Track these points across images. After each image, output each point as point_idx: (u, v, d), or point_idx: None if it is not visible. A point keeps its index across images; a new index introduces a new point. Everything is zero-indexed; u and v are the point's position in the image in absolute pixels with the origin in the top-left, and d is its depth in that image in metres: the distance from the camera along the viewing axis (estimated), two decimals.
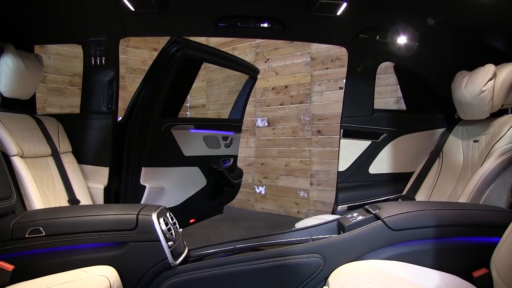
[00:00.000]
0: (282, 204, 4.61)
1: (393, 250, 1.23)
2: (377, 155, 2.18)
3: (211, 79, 5.48)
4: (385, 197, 2.13)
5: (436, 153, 1.96)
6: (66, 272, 1.16)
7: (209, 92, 5.53)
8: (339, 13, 1.77)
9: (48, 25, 2.00)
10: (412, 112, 2.42)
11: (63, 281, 1.08)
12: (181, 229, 1.43)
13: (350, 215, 1.40)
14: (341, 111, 2.21)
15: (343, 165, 2.19)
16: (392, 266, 1.14)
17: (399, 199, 2.03)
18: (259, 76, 3.16)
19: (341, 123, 2.20)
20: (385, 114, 2.26)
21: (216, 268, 1.29)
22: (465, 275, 1.09)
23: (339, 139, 2.22)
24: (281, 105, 4.65)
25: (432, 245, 1.21)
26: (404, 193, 2.01)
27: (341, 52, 4.08)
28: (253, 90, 3.16)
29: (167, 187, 2.47)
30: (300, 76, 4.47)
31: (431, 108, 2.23)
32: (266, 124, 4.78)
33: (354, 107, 2.19)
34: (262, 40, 4.71)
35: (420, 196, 1.92)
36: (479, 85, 1.65)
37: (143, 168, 2.31)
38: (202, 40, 4.77)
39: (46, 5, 1.82)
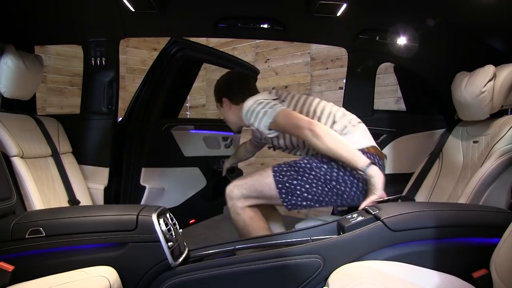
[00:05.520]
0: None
1: (393, 251, 1.23)
2: None
3: (211, 79, 5.47)
4: (385, 198, 2.13)
5: (436, 154, 1.96)
6: (66, 272, 1.16)
7: (209, 92, 5.53)
8: (339, 14, 1.77)
9: (48, 26, 2.00)
10: (412, 113, 2.42)
11: (63, 281, 1.08)
12: (181, 230, 1.43)
13: (350, 216, 1.40)
14: None
15: None
16: (392, 267, 1.14)
17: (399, 200, 2.03)
18: (259, 76, 3.15)
19: None
20: (385, 114, 2.26)
21: (216, 268, 1.30)
22: (465, 276, 1.09)
23: None
24: None
25: (432, 246, 1.21)
26: (404, 193, 2.01)
27: (341, 52, 4.07)
28: None
29: (167, 188, 2.48)
30: (300, 76, 4.47)
31: (431, 109, 2.22)
32: None
33: (354, 108, 2.18)
34: (262, 40, 4.72)
35: (420, 196, 1.92)
36: (479, 86, 1.65)
37: (143, 169, 2.31)
38: (202, 40, 4.77)
39: (46, 6, 1.83)
